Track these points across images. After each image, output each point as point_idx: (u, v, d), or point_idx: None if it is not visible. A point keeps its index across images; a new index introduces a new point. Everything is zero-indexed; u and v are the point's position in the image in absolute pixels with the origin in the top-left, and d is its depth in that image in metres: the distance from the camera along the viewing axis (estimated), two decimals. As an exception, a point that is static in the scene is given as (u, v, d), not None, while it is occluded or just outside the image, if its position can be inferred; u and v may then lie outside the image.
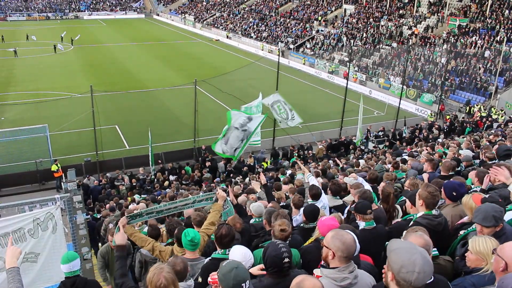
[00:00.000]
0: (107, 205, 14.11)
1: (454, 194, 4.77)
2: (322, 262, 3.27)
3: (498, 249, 3.00)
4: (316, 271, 3.26)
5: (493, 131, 18.43)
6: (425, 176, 7.47)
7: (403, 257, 2.51)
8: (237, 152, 14.54)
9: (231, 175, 19.15)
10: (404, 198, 6.18)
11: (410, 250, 2.54)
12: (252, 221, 6.21)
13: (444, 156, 11.08)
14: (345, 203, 6.90)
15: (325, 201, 6.52)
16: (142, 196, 15.78)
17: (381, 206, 5.66)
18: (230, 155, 14.47)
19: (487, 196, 4.59)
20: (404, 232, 4.00)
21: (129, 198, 15.44)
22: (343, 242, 3.06)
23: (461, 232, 4.01)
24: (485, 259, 3.15)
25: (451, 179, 5.76)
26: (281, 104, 19.37)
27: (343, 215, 6.37)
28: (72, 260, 4.59)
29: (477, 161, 8.98)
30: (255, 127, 14.26)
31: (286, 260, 3.35)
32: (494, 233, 3.63)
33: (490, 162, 7.21)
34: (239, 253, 3.73)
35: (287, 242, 4.13)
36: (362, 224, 4.62)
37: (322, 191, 6.61)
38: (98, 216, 12.70)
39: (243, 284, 2.87)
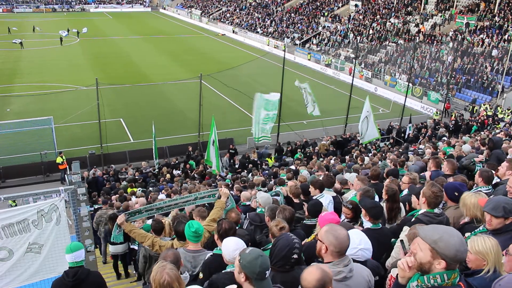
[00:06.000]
0: (113, 197, 14.19)
1: (456, 194, 4.72)
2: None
3: (510, 248, 3.05)
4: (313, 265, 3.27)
5: (498, 130, 18.35)
6: (428, 174, 7.43)
7: (453, 242, 2.52)
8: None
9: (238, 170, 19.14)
10: (404, 194, 6.18)
11: (452, 233, 2.57)
12: (258, 210, 6.25)
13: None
14: (339, 197, 6.92)
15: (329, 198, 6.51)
16: (148, 189, 15.82)
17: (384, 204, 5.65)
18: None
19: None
20: (405, 228, 4.00)
21: (129, 190, 15.48)
22: (336, 237, 3.08)
23: (467, 234, 3.98)
24: (485, 259, 3.11)
25: (451, 179, 5.74)
26: (305, 93, 22.59)
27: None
28: (75, 251, 4.62)
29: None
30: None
31: (295, 255, 3.35)
32: (502, 226, 3.63)
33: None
34: (233, 243, 3.74)
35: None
36: (368, 224, 4.61)
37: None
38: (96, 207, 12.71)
39: (267, 272, 2.91)
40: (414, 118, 27.83)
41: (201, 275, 4.10)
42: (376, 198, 5.99)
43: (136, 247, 8.57)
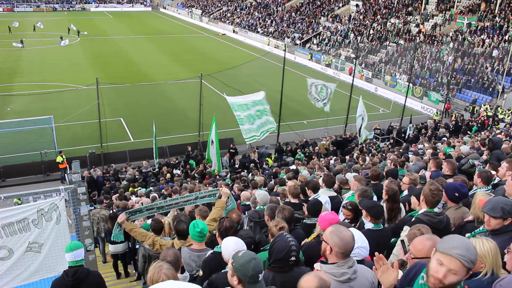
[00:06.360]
0: (113, 196, 14.18)
1: (457, 194, 4.71)
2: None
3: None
4: (316, 266, 3.27)
5: (499, 130, 18.34)
6: (428, 174, 7.43)
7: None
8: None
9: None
10: (404, 195, 6.17)
11: (473, 244, 2.57)
12: (256, 207, 6.28)
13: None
14: (339, 197, 6.91)
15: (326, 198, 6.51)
16: (147, 188, 15.82)
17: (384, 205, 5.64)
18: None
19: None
20: (406, 228, 3.99)
21: (131, 189, 15.48)
22: (341, 238, 3.08)
23: (467, 235, 3.96)
24: (483, 262, 3.07)
25: (451, 180, 5.72)
26: (326, 89, 22.85)
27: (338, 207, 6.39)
28: (75, 250, 4.62)
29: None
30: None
31: (293, 257, 3.35)
32: (501, 227, 3.60)
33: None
34: (232, 242, 3.75)
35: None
36: (369, 225, 4.58)
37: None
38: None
39: (260, 275, 2.90)
40: (415, 118, 27.81)
41: (200, 273, 4.10)
42: (375, 199, 5.98)
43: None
